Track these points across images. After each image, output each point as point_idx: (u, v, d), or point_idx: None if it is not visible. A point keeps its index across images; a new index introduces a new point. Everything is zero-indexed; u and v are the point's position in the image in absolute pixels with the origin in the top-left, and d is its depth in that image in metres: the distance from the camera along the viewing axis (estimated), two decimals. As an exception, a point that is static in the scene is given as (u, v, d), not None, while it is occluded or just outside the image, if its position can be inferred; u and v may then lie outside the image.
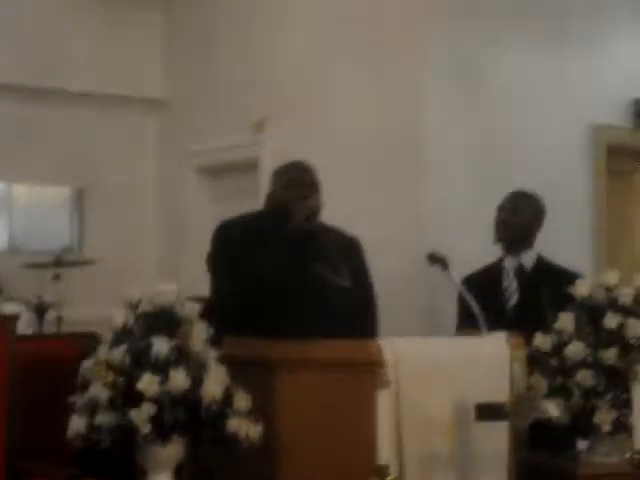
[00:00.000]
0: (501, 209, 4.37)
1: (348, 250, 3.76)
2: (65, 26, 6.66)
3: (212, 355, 2.91)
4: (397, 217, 5.16)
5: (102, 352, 2.82)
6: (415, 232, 5.04)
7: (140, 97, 6.90)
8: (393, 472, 2.80)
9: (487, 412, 3.03)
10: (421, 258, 3.93)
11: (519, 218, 4.33)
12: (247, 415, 2.88)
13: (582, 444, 3.51)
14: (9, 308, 4.93)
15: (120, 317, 2.85)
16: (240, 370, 2.99)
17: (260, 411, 2.94)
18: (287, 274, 3.56)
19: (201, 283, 4.01)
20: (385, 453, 2.74)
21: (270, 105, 5.95)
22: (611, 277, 3.51)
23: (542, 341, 3.42)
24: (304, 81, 5.75)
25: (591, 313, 3.44)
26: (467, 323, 3.83)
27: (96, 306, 5.71)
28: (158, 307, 2.88)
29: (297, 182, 3.69)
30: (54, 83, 6.59)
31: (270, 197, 3.77)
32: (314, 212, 3.65)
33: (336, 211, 3.91)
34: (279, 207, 3.66)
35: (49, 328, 5.61)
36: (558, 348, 3.41)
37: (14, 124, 6.57)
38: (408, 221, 5.12)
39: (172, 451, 2.82)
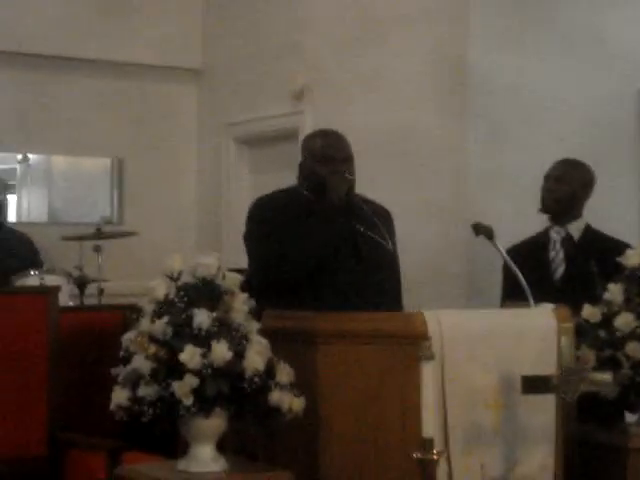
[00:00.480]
0: (548, 178, 4.27)
1: (386, 220, 3.72)
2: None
3: (254, 327, 2.87)
4: (439, 187, 5.10)
5: (144, 324, 2.78)
6: (458, 202, 4.97)
7: (179, 67, 6.88)
8: (438, 445, 2.77)
9: (534, 385, 2.97)
10: (464, 228, 3.87)
11: (566, 187, 4.23)
12: (289, 388, 2.84)
13: (631, 417, 3.44)
14: (51, 280, 4.95)
15: (161, 289, 2.81)
16: (281, 342, 2.95)
17: (302, 384, 2.90)
18: (334, 245, 3.51)
19: (241, 254, 3.98)
20: (430, 426, 2.71)
21: (310, 74, 5.89)
22: (662, 247, 3.42)
23: (591, 312, 3.35)
24: (346, 49, 5.68)
25: (641, 284, 3.36)
26: (512, 294, 3.76)
27: (136, 278, 5.72)
28: (199, 279, 2.84)
29: (333, 156, 3.61)
30: (93, 54, 6.57)
31: (304, 169, 3.69)
32: (352, 186, 3.59)
33: (376, 182, 3.85)
34: (315, 182, 3.59)
35: (90, 300, 5.62)
36: (607, 320, 3.34)
37: (53, 96, 6.57)
38: (451, 191, 5.05)
39: (214, 424, 2.79)
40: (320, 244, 3.50)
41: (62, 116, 6.58)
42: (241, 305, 2.86)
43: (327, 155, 3.62)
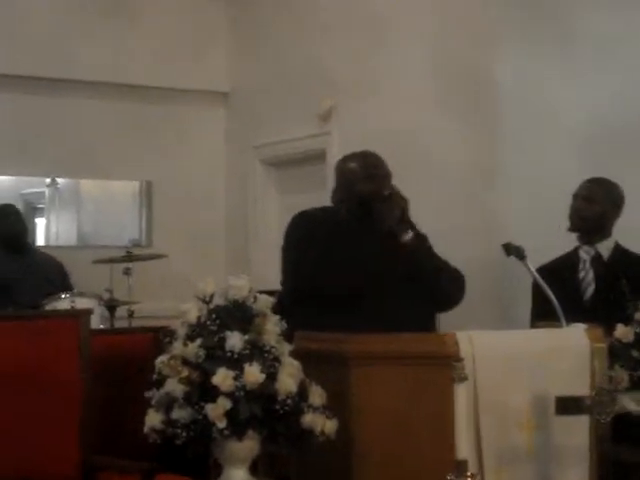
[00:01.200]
0: (576, 197, 4.26)
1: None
2: (132, 21, 6.70)
3: (286, 349, 2.87)
4: (468, 207, 5.09)
5: (177, 347, 2.79)
6: (487, 222, 4.96)
7: (206, 90, 6.93)
8: (472, 467, 2.75)
9: (568, 406, 2.95)
10: (493, 248, 3.86)
11: (596, 206, 4.21)
12: (322, 410, 2.84)
13: (665, 438, 3.41)
14: (82, 303, 4.97)
15: (194, 312, 2.82)
16: (313, 364, 2.95)
17: (334, 406, 2.90)
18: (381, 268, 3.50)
19: (270, 275, 3.99)
20: (463, 448, 2.69)
21: (337, 95, 5.91)
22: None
23: (623, 332, 3.34)
24: (371, 71, 5.70)
25: (674, 302, 3.34)
26: (542, 314, 3.74)
27: (165, 299, 5.76)
28: (231, 301, 2.85)
29: (375, 174, 3.61)
30: (122, 78, 6.64)
31: (341, 192, 3.67)
32: (406, 206, 3.58)
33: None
34: (359, 202, 3.57)
35: (120, 322, 5.65)
36: (639, 339, 3.32)
37: (82, 120, 6.63)
38: (480, 211, 5.04)
39: (248, 446, 2.79)
40: (364, 267, 3.48)
41: (91, 139, 6.65)
42: (273, 327, 2.87)
43: (369, 173, 3.62)
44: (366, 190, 3.58)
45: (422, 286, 3.58)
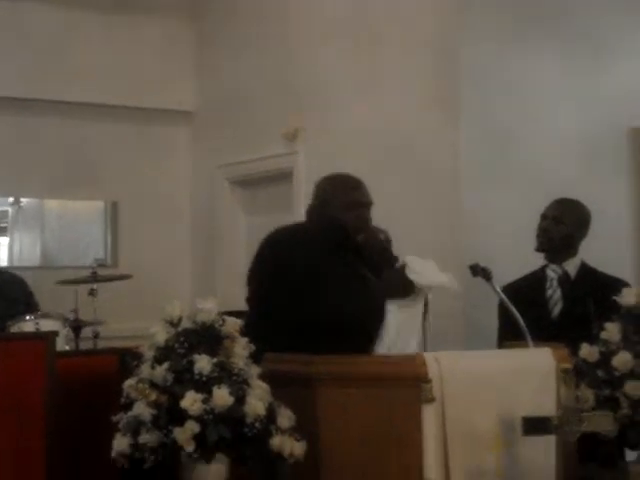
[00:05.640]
0: (545, 217, 4.29)
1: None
2: (96, 40, 6.68)
3: (255, 372, 2.87)
4: (433, 227, 5.11)
5: (145, 370, 2.78)
6: (452, 242, 4.98)
7: (172, 110, 6.91)
8: (440, 488, 2.77)
9: (534, 426, 2.97)
10: (458, 269, 3.88)
11: (563, 227, 4.25)
12: (291, 432, 2.84)
13: (631, 455, 3.44)
14: (46, 325, 4.92)
15: (162, 334, 2.81)
16: (281, 385, 2.95)
17: (302, 427, 2.89)
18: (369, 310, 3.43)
19: (236, 295, 3.97)
20: (432, 469, 2.71)
21: (304, 114, 5.92)
22: (658, 285, 3.44)
23: (588, 352, 3.36)
24: (336, 91, 5.71)
25: (638, 322, 3.37)
26: (509, 334, 3.76)
27: (131, 320, 5.72)
28: (199, 324, 2.84)
29: (361, 204, 3.63)
30: (85, 97, 6.60)
31: (323, 213, 3.61)
32: (389, 241, 3.60)
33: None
34: (339, 228, 3.55)
35: (85, 343, 5.60)
36: (605, 359, 3.34)
37: (45, 139, 6.59)
38: (445, 231, 5.06)
39: (216, 469, 2.78)
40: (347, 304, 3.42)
41: (55, 159, 6.59)
42: (241, 350, 2.87)
43: (356, 202, 3.62)
44: (347, 218, 3.57)
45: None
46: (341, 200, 3.61)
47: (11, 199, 6.78)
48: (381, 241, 3.61)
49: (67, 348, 5.15)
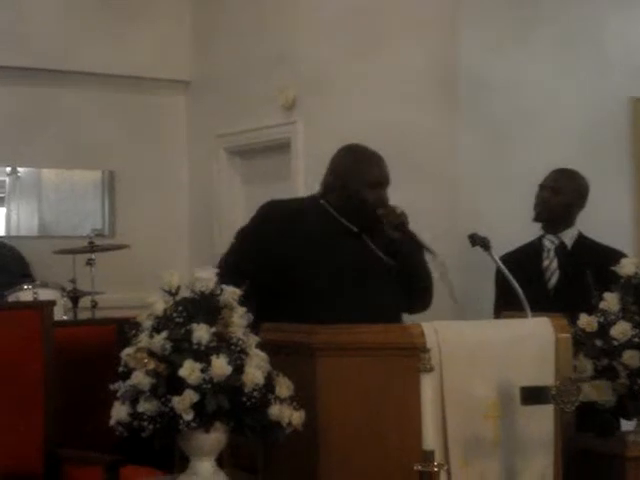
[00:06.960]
0: (543, 187, 4.29)
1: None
2: (94, 10, 6.63)
3: (253, 341, 2.86)
4: (431, 198, 5.09)
5: (143, 340, 2.78)
6: (450, 212, 4.97)
7: (169, 79, 6.88)
8: (438, 457, 2.77)
9: (532, 395, 2.97)
10: (455, 239, 3.87)
11: (561, 197, 4.25)
12: (289, 401, 2.84)
13: (629, 425, 3.45)
14: (44, 294, 4.93)
15: (160, 304, 2.81)
16: (280, 355, 2.95)
17: (301, 397, 2.89)
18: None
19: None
20: (430, 439, 2.70)
21: (301, 84, 5.89)
22: (657, 255, 3.43)
23: (587, 322, 3.35)
24: (335, 59, 5.68)
25: (637, 292, 3.36)
26: (506, 304, 3.76)
27: (129, 290, 5.72)
28: (198, 293, 2.83)
29: (381, 183, 3.57)
30: (82, 66, 6.57)
31: (343, 188, 3.55)
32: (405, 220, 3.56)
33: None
34: (360, 207, 3.52)
35: (83, 313, 5.61)
36: (603, 329, 3.34)
37: (42, 108, 6.56)
38: (443, 202, 5.04)
39: (214, 438, 2.78)
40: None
41: (51, 128, 6.57)
42: (239, 319, 2.86)
43: (379, 182, 3.56)
44: (369, 198, 3.53)
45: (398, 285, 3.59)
46: (364, 178, 3.52)
47: (8, 169, 6.77)
48: (399, 215, 3.55)
49: (65, 318, 5.17)
